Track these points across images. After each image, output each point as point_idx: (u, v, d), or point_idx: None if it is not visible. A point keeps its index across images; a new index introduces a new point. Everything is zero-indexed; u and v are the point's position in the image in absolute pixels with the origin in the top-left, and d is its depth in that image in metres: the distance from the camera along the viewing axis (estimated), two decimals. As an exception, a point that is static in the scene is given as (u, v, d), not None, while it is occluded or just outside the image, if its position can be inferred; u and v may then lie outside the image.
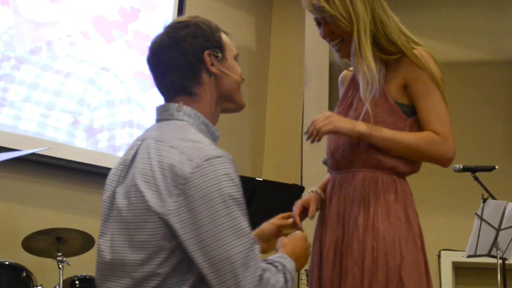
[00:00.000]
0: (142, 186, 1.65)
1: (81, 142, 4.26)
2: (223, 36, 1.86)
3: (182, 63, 1.77)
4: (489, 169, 4.15)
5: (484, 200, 4.00)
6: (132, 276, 1.64)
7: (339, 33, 2.13)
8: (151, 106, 4.32)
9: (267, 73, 5.66)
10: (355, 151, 2.12)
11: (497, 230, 3.97)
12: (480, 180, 4.14)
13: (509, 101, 5.57)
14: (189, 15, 1.86)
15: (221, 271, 1.57)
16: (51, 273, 3.73)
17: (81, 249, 3.70)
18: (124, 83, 4.50)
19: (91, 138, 4.29)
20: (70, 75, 4.27)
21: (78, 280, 3.58)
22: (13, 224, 3.97)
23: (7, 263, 3.43)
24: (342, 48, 2.17)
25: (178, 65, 1.77)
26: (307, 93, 5.16)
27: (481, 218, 3.99)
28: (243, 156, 5.32)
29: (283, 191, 3.69)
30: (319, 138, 2.06)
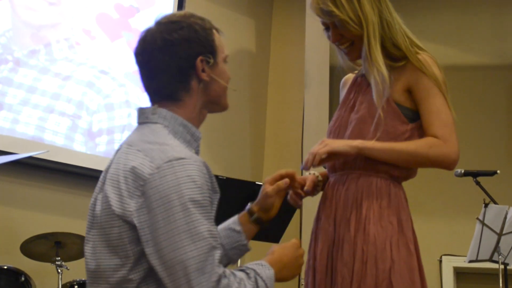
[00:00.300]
0: (109, 191, 1.66)
1: (80, 146, 4.28)
2: (216, 38, 1.82)
3: (173, 68, 1.73)
4: (491, 174, 4.16)
5: (486, 205, 4.00)
6: (109, 282, 1.64)
7: (349, 37, 2.14)
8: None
9: (267, 77, 5.67)
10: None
11: (499, 235, 3.98)
12: (482, 185, 4.15)
13: (511, 106, 5.58)
14: (185, 13, 1.81)
15: (175, 276, 1.55)
16: (50, 278, 3.74)
17: (80, 254, 3.70)
18: (123, 87, 4.52)
19: (90, 142, 4.31)
20: (69, 78, 4.29)
21: (77, 285, 3.59)
22: (12, 228, 3.98)
23: (6, 268, 3.44)
24: (352, 52, 2.17)
25: (169, 70, 1.73)
26: (308, 97, 5.16)
27: (483, 223, 4.00)
28: (243, 160, 5.33)
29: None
30: (316, 162, 2.04)
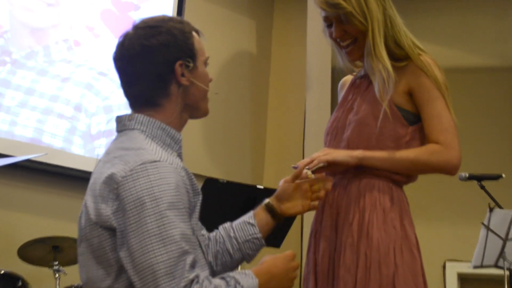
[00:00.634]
0: (88, 201, 1.68)
1: (78, 149, 4.28)
2: (196, 41, 1.80)
3: (152, 74, 1.74)
4: (496, 178, 4.15)
5: (491, 209, 4.00)
6: None
7: (352, 33, 2.13)
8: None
9: (268, 79, 5.67)
10: None
11: (504, 240, 3.97)
12: (486, 189, 4.14)
13: (516, 108, 5.58)
14: (164, 17, 1.81)
15: (145, 280, 1.55)
16: (48, 282, 3.74)
17: (78, 258, 3.71)
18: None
19: (88, 145, 4.31)
20: (67, 80, 4.29)
21: (75, 290, 3.59)
22: (9, 232, 3.98)
23: (3, 272, 3.43)
24: (353, 50, 2.17)
25: (147, 76, 1.74)
26: (309, 99, 5.16)
27: (488, 228, 3.99)
28: (244, 164, 5.33)
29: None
30: (313, 166, 2.05)
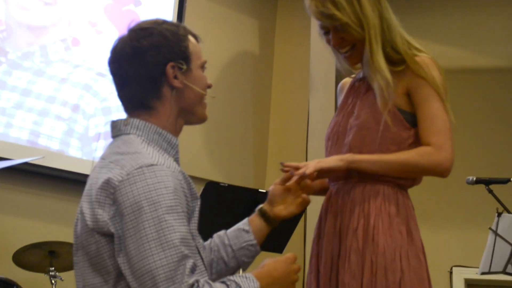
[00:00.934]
0: (84, 207, 1.67)
1: (76, 151, 4.28)
2: (191, 44, 1.81)
3: (143, 76, 1.75)
4: (504, 182, 4.14)
5: (499, 214, 3.98)
6: None
7: (350, 40, 2.13)
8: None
9: (271, 80, 5.67)
10: None
11: (513, 246, 3.97)
12: (494, 193, 4.13)
13: (526, 110, 5.57)
14: (157, 20, 1.82)
15: (144, 285, 1.55)
16: (43, 289, 3.73)
17: (75, 264, 3.70)
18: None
19: (86, 147, 4.30)
20: (65, 81, 4.28)
21: (72, 296, 3.59)
22: (4, 237, 3.97)
23: (-3, 278, 3.44)
24: (353, 56, 2.17)
25: (138, 78, 1.75)
26: (313, 101, 5.16)
27: (496, 233, 3.98)
28: (246, 167, 5.33)
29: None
30: (300, 173, 2.02)
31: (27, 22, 4.25)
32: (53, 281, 3.52)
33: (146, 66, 1.75)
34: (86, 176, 4.48)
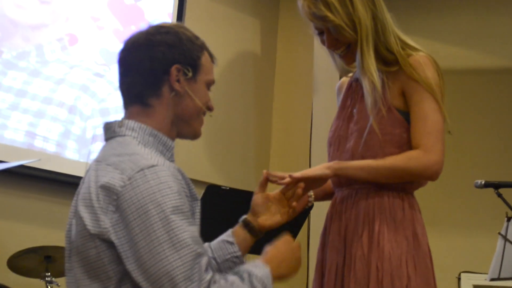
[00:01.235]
0: (82, 211, 1.67)
1: (73, 153, 4.27)
2: (204, 58, 1.83)
3: (146, 68, 1.78)
4: (514, 185, 4.14)
5: (509, 219, 3.98)
6: None
7: (344, 41, 2.14)
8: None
9: (273, 81, 5.67)
10: None
11: (523, 252, 3.96)
12: (504, 197, 4.12)
13: (536, 112, 5.56)
14: (180, 24, 1.86)
15: None
16: (39, 295, 3.72)
17: (72, 269, 3.69)
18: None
19: (83, 149, 4.29)
20: (61, 82, 4.27)
21: (68, 303, 3.58)
22: (-2, 242, 3.97)
23: (-9, 284, 3.43)
24: (348, 56, 2.19)
25: (141, 69, 1.78)
26: (316, 103, 5.15)
27: (505, 238, 3.97)
28: (247, 169, 5.32)
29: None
30: (285, 182, 2.06)
31: (23, 21, 4.23)
32: (49, 287, 3.51)
33: (152, 60, 1.77)
34: (83, 179, 4.40)
